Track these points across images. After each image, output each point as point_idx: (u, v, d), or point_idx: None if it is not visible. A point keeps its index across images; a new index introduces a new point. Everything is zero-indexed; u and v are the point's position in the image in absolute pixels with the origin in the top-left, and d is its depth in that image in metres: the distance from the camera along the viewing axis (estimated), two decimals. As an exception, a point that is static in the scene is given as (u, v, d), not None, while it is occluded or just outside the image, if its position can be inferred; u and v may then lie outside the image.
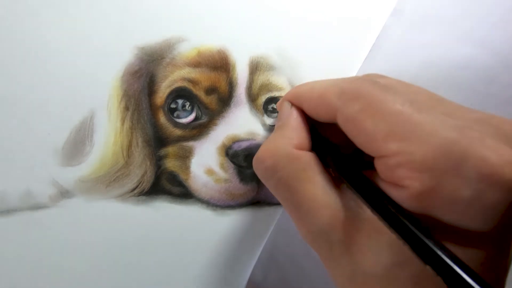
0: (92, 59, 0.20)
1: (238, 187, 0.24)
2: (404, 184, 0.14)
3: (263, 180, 0.20)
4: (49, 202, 0.20)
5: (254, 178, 0.24)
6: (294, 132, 0.19)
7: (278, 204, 0.26)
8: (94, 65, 0.20)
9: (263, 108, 0.25)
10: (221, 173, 0.23)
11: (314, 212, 0.17)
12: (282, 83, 0.25)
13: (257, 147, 0.23)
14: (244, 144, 0.23)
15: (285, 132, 0.19)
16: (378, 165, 0.15)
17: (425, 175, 0.13)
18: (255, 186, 0.24)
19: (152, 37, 0.21)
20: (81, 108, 0.20)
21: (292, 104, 0.21)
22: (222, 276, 0.25)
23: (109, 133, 0.21)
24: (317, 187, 0.17)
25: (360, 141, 0.16)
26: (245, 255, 0.26)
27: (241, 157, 0.23)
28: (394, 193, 0.15)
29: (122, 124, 0.21)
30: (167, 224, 0.23)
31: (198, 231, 0.24)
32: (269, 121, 0.25)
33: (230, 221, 0.25)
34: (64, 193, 0.20)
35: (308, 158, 0.18)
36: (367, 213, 0.16)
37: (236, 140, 0.23)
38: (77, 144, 0.20)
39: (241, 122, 0.24)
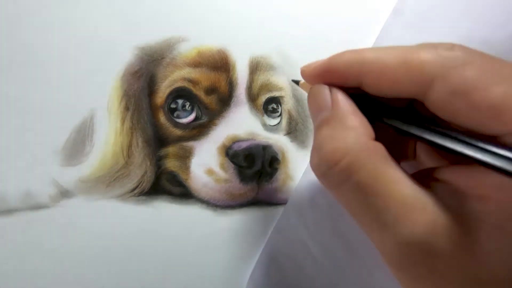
0: (92, 59, 0.20)
1: (238, 187, 0.24)
2: None
3: (333, 187, 0.15)
4: (49, 202, 0.20)
5: (254, 178, 0.24)
6: (356, 119, 0.15)
7: (278, 204, 0.26)
8: (94, 65, 0.20)
9: (263, 108, 0.25)
10: (221, 173, 0.23)
11: (407, 217, 0.13)
12: (282, 83, 0.25)
13: (257, 147, 0.23)
14: (244, 144, 0.23)
15: (346, 123, 0.15)
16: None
17: None
18: (255, 186, 0.24)
19: (152, 37, 0.21)
20: (81, 108, 0.20)
21: (330, 86, 0.17)
22: (222, 276, 0.25)
23: (109, 133, 0.21)
24: (405, 186, 0.13)
25: (477, 116, 0.13)
26: (245, 255, 0.26)
27: (241, 157, 0.23)
28: None
29: (122, 124, 0.21)
30: (167, 224, 0.23)
31: (198, 231, 0.24)
32: (269, 121, 0.25)
33: (230, 221, 0.25)
34: (64, 193, 0.20)
35: (384, 151, 0.14)
36: (478, 209, 0.13)
37: (236, 140, 0.23)
38: (77, 144, 0.20)
39: (241, 122, 0.24)
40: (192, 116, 0.23)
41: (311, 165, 0.16)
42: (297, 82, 0.20)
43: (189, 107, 0.23)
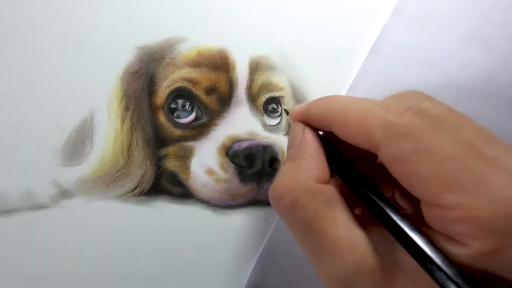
0: (92, 59, 0.20)
1: (238, 187, 0.24)
2: (463, 241, 0.13)
3: (281, 217, 0.18)
4: (49, 202, 0.20)
5: (254, 178, 0.24)
6: (312, 161, 0.17)
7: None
8: (94, 65, 0.20)
9: (263, 108, 0.25)
10: (221, 173, 0.23)
11: (338, 256, 0.15)
12: (282, 83, 0.25)
13: (257, 147, 0.23)
14: (244, 144, 0.23)
15: (302, 162, 0.17)
16: (431, 213, 0.14)
17: (490, 235, 0.12)
18: (255, 186, 0.24)
19: (152, 37, 0.21)
20: (81, 108, 0.20)
21: (306, 125, 0.19)
22: (222, 276, 0.25)
23: (109, 133, 0.21)
24: (341, 227, 0.15)
25: (409, 183, 0.14)
26: (245, 255, 0.26)
27: (241, 157, 0.23)
28: (449, 248, 0.14)
29: (122, 124, 0.21)
30: (167, 224, 0.23)
31: (198, 231, 0.24)
32: (269, 121, 0.25)
33: (230, 221, 0.25)
34: (64, 193, 0.20)
35: (331, 194, 0.16)
36: (402, 260, 0.14)
37: (236, 140, 0.23)
38: (77, 144, 0.20)
39: (241, 122, 0.24)
40: (192, 116, 0.23)
41: (268, 193, 0.18)
42: (287, 112, 0.21)
43: (189, 107, 0.23)
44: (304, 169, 0.17)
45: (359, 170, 0.17)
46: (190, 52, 0.22)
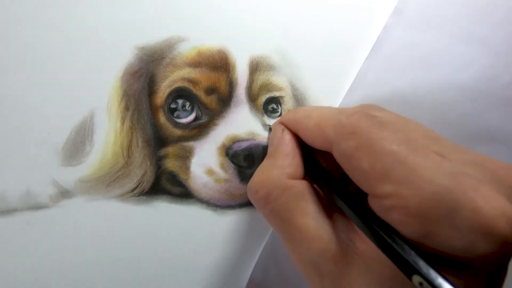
0: (92, 59, 0.20)
1: (238, 187, 0.24)
2: (396, 228, 0.14)
3: (257, 208, 0.20)
4: (49, 202, 0.20)
5: (254, 178, 0.24)
6: (286, 160, 0.19)
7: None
8: (94, 65, 0.20)
9: (263, 108, 0.25)
10: (221, 173, 0.23)
11: (306, 243, 0.17)
12: (282, 83, 0.25)
13: (257, 147, 0.23)
14: (244, 144, 0.23)
15: (276, 161, 0.19)
16: (372, 203, 0.15)
17: (417, 222, 0.13)
18: (255, 186, 0.24)
19: (152, 37, 0.21)
20: (81, 108, 0.20)
21: (286, 128, 0.21)
22: (222, 276, 0.25)
23: (109, 133, 0.21)
24: (309, 218, 0.17)
25: (355, 177, 0.16)
26: (245, 255, 0.26)
27: (241, 157, 0.23)
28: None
29: (122, 124, 0.21)
30: (167, 224, 0.23)
31: (198, 231, 0.24)
32: (269, 121, 0.25)
33: (230, 221, 0.25)
34: (64, 193, 0.20)
35: (301, 188, 0.18)
36: (359, 247, 0.16)
37: (236, 140, 0.23)
38: (77, 144, 0.20)
39: (241, 122, 0.24)
40: (192, 116, 0.23)
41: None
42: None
43: (189, 107, 0.23)
44: (278, 166, 0.19)
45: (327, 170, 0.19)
46: (190, 52, 0.22)
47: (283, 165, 0.19)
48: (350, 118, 0.17)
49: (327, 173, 0.19)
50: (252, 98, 0.24)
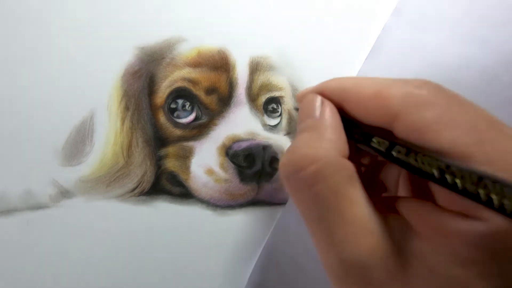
0: (92, 59, 0.20)
1: (238, 187, 0.24)
2: (481, 216, 0.12)
3: (294, 191, 0.16)
4: (49, 202, 0.20)
5: (254, 178, 0.24)
6: (334, 133, 0.16)
7: (278, 204, 0.26)
8: (94, 65, 0.20)
9: (263, 108, 0.25)
10: (221, 173, 0.23)
11: (354, 238, 0.13)
12: (282, 83, 0.25)
13: (257, 147, 0.23)
14: (244, 144, 0.23)
15: (324, 133, 0.16)
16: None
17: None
18: (255, 186, 0.24)
19: (152, 37, 0.21)
20: (81, 108, 0.20)
21: (324, 97, 0.17)
22: (222, 276, 0.25)
23: (109, 133, 0.21)
24: (361, 208, 0.14)
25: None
26: (245, 255, 0.26)
27: (241, 157, 0.23)
28: (461, 226, 0.12)
29: (122, 124, 0.21)
30: (167, 224, 0.23)
31: (198, 231, 0.24)
32: (269, 121, 0.25)
33: (230, 221, 0.25)
34: (64, 193, 0.20)
35: (352, 171, 0.15)
36: (418, 248, 0.13)
37: (236, 140, 0.23)
38: (77, 144, 0.20)
39: (241, 122, 0.24)
40: (192, 116, 0.23)
41: (280, 164, 0.16)
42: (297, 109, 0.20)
43: (189, 107, 0.23)
44: (327, 139, 0.16)
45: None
46: (190, 52, 0.22)
47: (333, 138, 0.16)
48: (422, 88, 0.14)
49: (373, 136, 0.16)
50: (252, 98, 0.24)
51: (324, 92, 0.18)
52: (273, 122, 0.25)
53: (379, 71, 0.27)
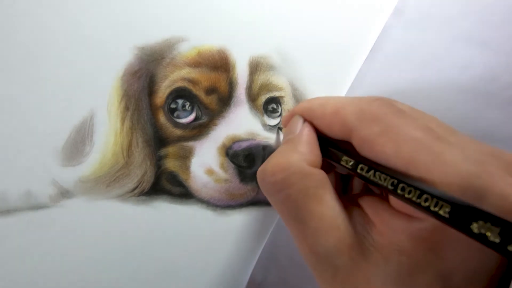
0: (92, 59, 0.20)
1: (238, 187, 0.24)
2: (420, 217, 0.14)
3: (267, 194, 0.19)
4: (49, 202, 0.20)
5: (254, 179, 0.24)
6: (307, 147, 0.19)
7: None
8: (94, 65, 0.20)
9: (263, 108, 0.25)
10: (221, 173, 0.23)
11: (321, 232, 0.16)
12: (282, 83, 0.25)
13: (257, 147, 0.23)
14: (244, 144, 0.23)
15: (298, 147, 0.19)
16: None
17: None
18: (255, 186, 0.24)
19: (152, 37, 0.21)
20: (81, 108, 0.20)
21: (304, 119, 0.20)
22: (222, 276, 0.25)
23: (109, 133, 0.21)
24: (327, 207, 0.16)
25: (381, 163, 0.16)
26: (245, 255, 0.26)
27: (241, 157, 0.23)
28: (405, 224, 0.15)
29: (122, 124, 0.21)
30: (167, 224, 0.23)
31: (198, 231, 0.24)
32: (269, 121, 0.25)
33: (230, 221, 0.25)
34: (64, 193, 0.20)
35: (321, 177, 0.17)
36: (376, 239, 0.16)
37: (236, 140, 0.23)
38: (77, 144, 0.20)
39: (241, 122, 0.24)
40: (192, 116, 0.23)
41: (257, 171, 0.20)
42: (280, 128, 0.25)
43: (189, 107, 0.23)
44: (299, 152, 0.19)
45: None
46: (190, 52, 0.22)
47: (304, 151, 0.19)
48: (372, 104, 0.17)
49: (347, 152, 0.19)
50: (252, 98, 0.24)
51: (296, 111, 0.21)
52: (273, 122, 0.25)
53: (379, 71, 0.27)
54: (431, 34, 0.26)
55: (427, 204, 0.13)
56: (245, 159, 0.23)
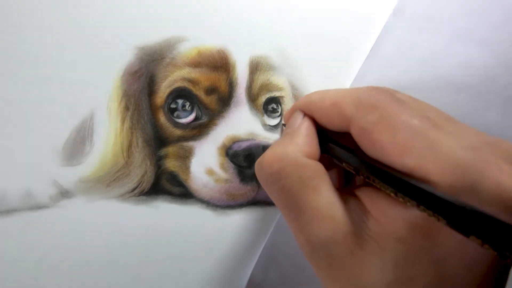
0: (92, 59, 0.20)
1: (238, 187, 0.24)
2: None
3: (264, 185, 0.19)
4: (49, 202, 0.20)
5: (254, 178, 0.24)
6: (304, 139, 0.19)
7: (278, 204, 0.26)
8: (94, 65, 0.20)
9: (263, 108, 0.25)
10: (221, 173, 0.23)
11: (317, 222, 0.16)
12: (282, 83, 0.25)
13: (257, 147, 0.23)
14: (244, 144, 0.23)
15: (295, 139, 0.19)
16: None
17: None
18: (255, 186, 0.24)
19: (152, 37, 0.21)
20: (81, 108, 0.20)
21: (304, 114, 0.21)
22: (222, 276, 0.25)
23: (109, 133, 0.21)
24: (322, 197, 0.16)
25: (375, 153, 0.16)
26: (245, 255, 0.26)
27: (241, 157, 0.23)
28: (401, 212, 0.15)
29: (122, 124, 0.21)
30: (167, 224, 0.23)
31: (198, 231, 0.24)
32: (269, 121, 0.25)
33: (230, 221, 0.25)
34: (64, 193, 0.20)
35: (317, 168, 0.18)
36: (371, 229, 0.16)
37: (236, 140, 0.23)
38: (77, 144, 0.20)
39: (241, 122, 0.24)
40: (192, 116, 0.23)
41: (255, 163, 0.20)
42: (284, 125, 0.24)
43: (189, 107, 0.23)
44: (296, 144, 0.19)
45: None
46: (190, 52, 0.22)
47: (301, 143, 0.19)
48: (369, 93, 0.17)
49: (347, 148, 0.19)
50: (252, 98, 0.24)
51: (296, 107, 0.21)
52: (273, 122, 0.25)
53: (379, 71, 0.27)
54: (431, 34, 0.26)
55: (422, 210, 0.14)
56: (245, 159, 0.23)
